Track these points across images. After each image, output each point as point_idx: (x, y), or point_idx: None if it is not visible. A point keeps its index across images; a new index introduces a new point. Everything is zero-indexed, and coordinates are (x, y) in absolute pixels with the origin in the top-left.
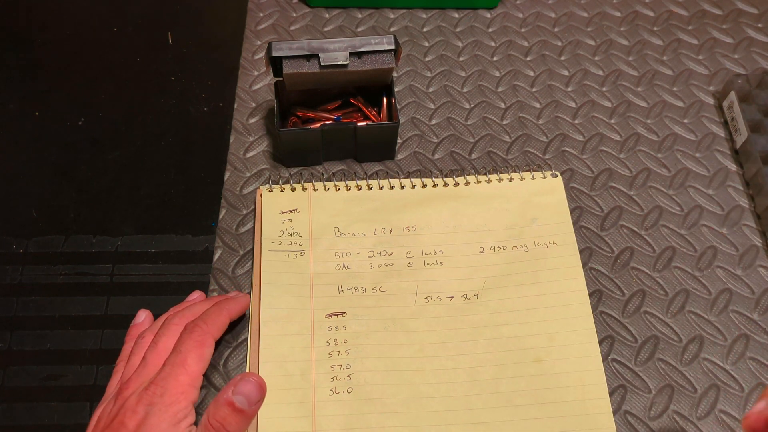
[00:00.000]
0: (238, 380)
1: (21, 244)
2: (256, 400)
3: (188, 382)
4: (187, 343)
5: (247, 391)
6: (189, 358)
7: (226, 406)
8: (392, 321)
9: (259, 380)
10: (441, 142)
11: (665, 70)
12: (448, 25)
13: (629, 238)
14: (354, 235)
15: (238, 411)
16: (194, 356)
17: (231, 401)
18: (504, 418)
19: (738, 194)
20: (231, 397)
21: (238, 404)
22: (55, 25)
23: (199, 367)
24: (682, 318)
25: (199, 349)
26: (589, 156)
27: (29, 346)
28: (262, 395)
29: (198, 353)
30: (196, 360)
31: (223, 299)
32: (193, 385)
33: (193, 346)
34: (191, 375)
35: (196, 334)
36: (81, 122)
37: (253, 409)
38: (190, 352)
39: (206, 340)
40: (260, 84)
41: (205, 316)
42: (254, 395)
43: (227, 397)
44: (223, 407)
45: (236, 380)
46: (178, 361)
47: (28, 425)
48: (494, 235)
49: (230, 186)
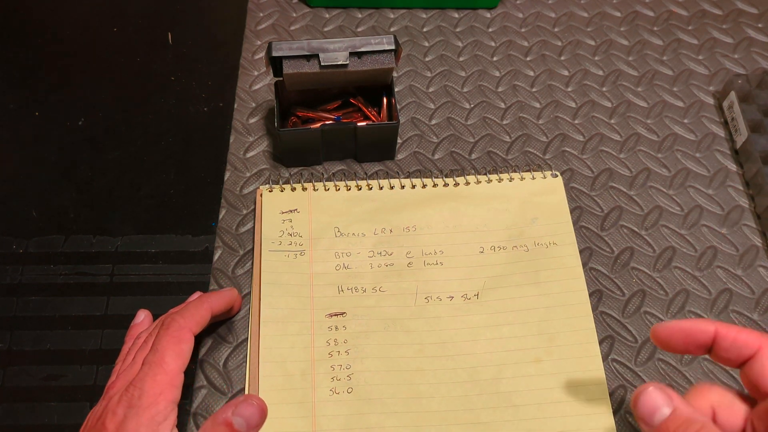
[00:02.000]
0: (240, 401)
1: (21, 244)
2: (255, 425)
3: (167, 381)
4: (163, 340)
5: (248, 414)
6: (166, 356)
7: (223, 425)
8: (392, 321)
9: (262, 404)
10: (441, 142)
11: (665, 70)
12: (448, 25)
13: (629, 238)
14: (354, 235)
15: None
16: (171, 354)
17: (230, 422)
18: (504, 418)
19: (738, 194)
20: (230, 418)
21: (236, 426)
22: (55, 25)
23: (178, 364)
24: (683, 318)
25: (176, 346)
26: (589, 156)
27: (29, 346)
28: (263, 420)
29: (175, 350)
30: (174, 357)
31: (208, 293)
32: (172, 383)
33: (170, 342)
34: (169, 374)
35: (172, 330)
36: (81, 122)
37: None
38: (167, 350)
39: (183, 336)
40: (260, 84)
41: (183, 310)
42: (255, 419)
43: (226, 417)
44: (220, 426)
45: (238, 401)
46: (156, 360)
47: (28, 425)
48: (494, 235)
49: (230, 186)
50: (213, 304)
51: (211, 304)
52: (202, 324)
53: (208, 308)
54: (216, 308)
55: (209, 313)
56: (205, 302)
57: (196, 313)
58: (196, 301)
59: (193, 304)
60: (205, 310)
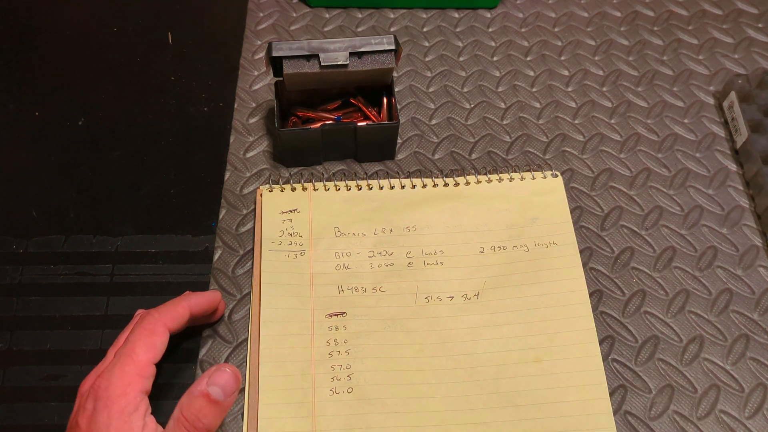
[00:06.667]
0: (212, 371)
1: (21, 244)
2: (232, 392)
3: (135, 371)
4: (136, 332)
5: (223, 381)
6: (137, 347)
7: (201, 397)
8: (392, 321)
9: (235, 371)
10: (441, 142)
11: (665, 70)
12: (448, 25)
13: (629, 238)
14: (354, 235)
15: (213, 403)
16: (143, 345)
17: (206, 393)
18: (504, 418)
19: (738, 194)
20: (206, 389)
21: (213, 395)
22: (55, 25)
23: (149, 356)
24: (683, 318)
25: (148, 338)
26: (589, 156)
27: (29, 346)
28: (238, 386)
29: (147, 342)
30: (145, 349)
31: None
32: (141, 374)
33: (143, 334)
34: (138, 364)
35: (146, 323)
36: (81, 122)
37: (229, 401)
38: (138, 341)
39: (156, 328)
40: (260, 84)
41: (160, 306)
42: (230, 386)
43: (202, 389)
44: (197, 399)
45: (211, 371)
46: (126, 351)
47: (28, 425)
48: (494, 235)
49: (230, 186)
50: (192, 302)
51: (189, 302)
52: (179, 321)
53: (185, 306)
54: (195, 307)
55: (187, 311)
56: (184, 300)
57: (172, 308)
58: (175, 299)
59: (171, 302)
60: (183, 308)
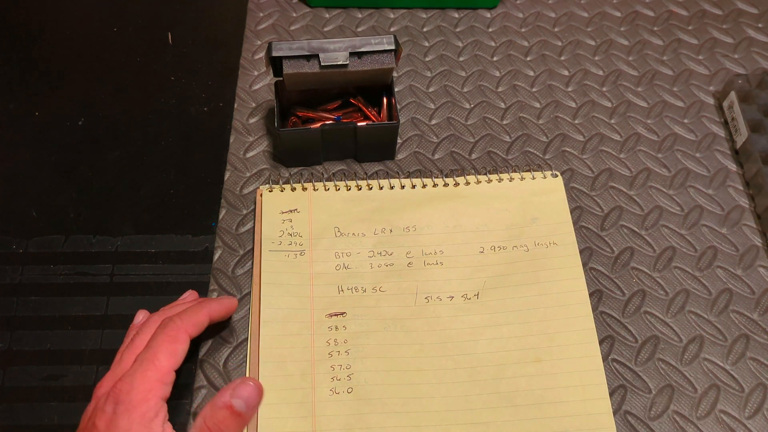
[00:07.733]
0: (237, 384)
1: (21, 244)
2: (254, 405)
3: (157, 377)
4: (158, 338)
5: (246, 394)
6: (160, 354)
7: (224, 409)
8: (392, 321)
9: (258, 384)
10: (441, 142)
11: (665, 70)
12: (448, 25)
13: (629, 238)
14: (354, 235)
15: (236, 415)
16: (165, 352)
17: (230, 404)
18: (504, 418)
19: (738, 194)
20: (230, 401)
21: (237, 408)
22: (55, 25)
23: (170, 363)
24: (683, 318)
25: (171, 345)
26: (589, 156)
27: (29, 346)
28: (260, 399)
29: (170, 349)
30: (167, 356)
31: (208, 299)
32: (162, 381)
33: (165, 341)
34: (161, 371)
35: (169, 329)
36: (81, 122)
37: (250, 414)
38: (161, 347)
39: (179, 336)
40: (260, 84)
41: (182, 313)
42: (253, 399)
43: (225, 401)
44: (221, 410)
45: (235, 384)
46: (148, 357)
47: (28, 425)
48: (494, 235)
49: (230, 186)
50: (212, 310)
51: (210, 310)
52: (200, 328)
53: (206, 314)
54: (214, 315)
55: (207, 318)
56: (204, 307)
57: (194, 316)
58: (195, 306)
59: (192, 309)
60: (204, 315)
